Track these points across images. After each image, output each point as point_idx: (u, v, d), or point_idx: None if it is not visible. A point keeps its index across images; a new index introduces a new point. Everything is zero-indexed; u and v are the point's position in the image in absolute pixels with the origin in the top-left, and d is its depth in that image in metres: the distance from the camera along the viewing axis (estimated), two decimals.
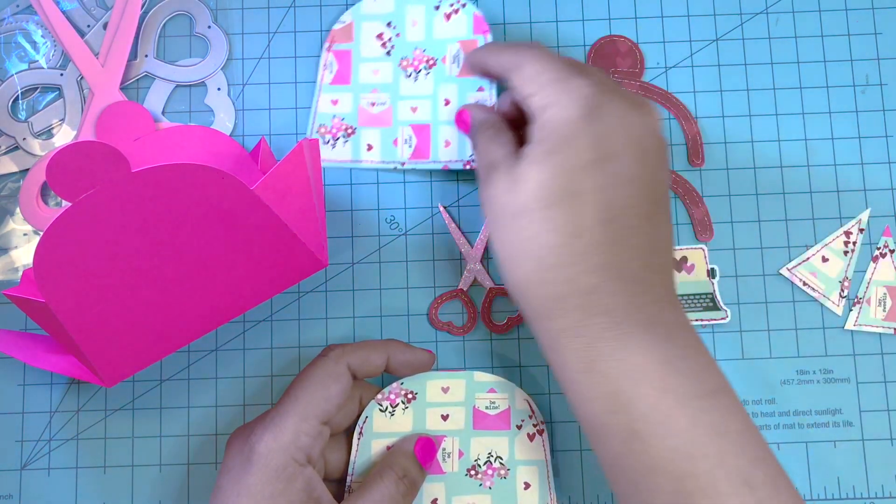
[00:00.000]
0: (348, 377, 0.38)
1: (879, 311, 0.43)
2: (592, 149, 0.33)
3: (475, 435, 0.40)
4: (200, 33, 0.45)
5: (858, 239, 0.43)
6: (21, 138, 0.44)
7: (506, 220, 0.35)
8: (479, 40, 0.44)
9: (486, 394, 0.41)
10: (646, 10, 0.46)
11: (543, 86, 0.35)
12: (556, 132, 0.34)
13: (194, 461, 0.42)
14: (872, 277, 0.43)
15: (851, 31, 0.45)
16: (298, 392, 0.37)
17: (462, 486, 0.39)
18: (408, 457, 0.39)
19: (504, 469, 0.40)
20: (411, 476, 0.38)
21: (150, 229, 0.34)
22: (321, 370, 0.37)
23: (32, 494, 0.42)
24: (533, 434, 0.40)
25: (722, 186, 0.44)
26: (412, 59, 0.44)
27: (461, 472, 0.40)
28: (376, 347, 0.39)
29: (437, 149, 0.44)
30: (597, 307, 0.33)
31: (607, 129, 0.34)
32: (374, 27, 0.45)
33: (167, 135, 0.44)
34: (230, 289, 0.38)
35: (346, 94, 0.44)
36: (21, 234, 0.44)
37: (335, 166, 0.44)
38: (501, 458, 0.40)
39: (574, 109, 0.34)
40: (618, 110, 0.34)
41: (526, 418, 0.40)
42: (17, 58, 0.45)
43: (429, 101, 0.44)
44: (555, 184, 0.33)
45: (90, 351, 0.36)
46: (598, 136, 0.33)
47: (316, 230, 0.38)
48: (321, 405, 0.36)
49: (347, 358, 0.38)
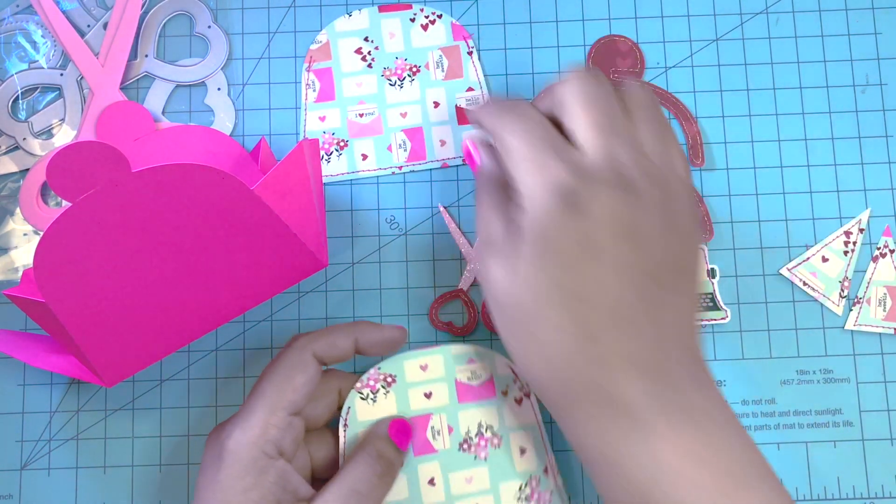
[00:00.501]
0: (315, 365, 0.37)
1: (879, 311, 0.43)
2: (579, 245, 0.31)
3: (462, 408, 0.40)
4: (200, 33, 0.45)
5: (858, 239, 0.43)
6: (21, 138, 0.44)
7: (508, 311, 0.33)
8: (461, 46, 0.45)
9: (466, 365, 0.40)
10: (646, 10, 0.46)
11: (520, 169, 0.33)
12: (538, 227, 0.32)
13: (194, 461, 0.42)
14: (872, 277, 0.43)
15: (851, 31, 0.45)
16: (264, 385, 0.37)
17: (456, 461, 0.39)
18: (382, 438, 0.38)
19: (496, 438, 0.39)
20: (387, 457, 0.37)
21: (151, 229, 0.34)
22: (286, 361, 0.37)
23: (32, 494, 0.42)
24: (520, 398, 0.40)
25: (722, 186, 0.44)
26: (395, 69, 0.45)
27: (454, 448, 0.39)
28: (342, 330, 0.39)
29: (432, 149, 0.44)
30: (615, 404, 0.31)
31: (590, 221, 0.31)
32: (352, 42, 0.45)
33: (167, 135, 0.44)
34: (230, 289, 0.38)
35: (332, 109, 0.44)
36: (21, 234, 0.44)
37: (333, 180, 0.44)
38: (492, 427, 0.39)
39: (552, 203, 0.31)
40: (599, 198, 0.31)
41: (510, 383, 0.40)
42: (17, 58, 0.45)
43: (418, 106, 0.44)
44: (551, 284, 0.31)
45: (90, 351, 0.36)
46: (581, 231, 0.31)
47: (316, 230, 0.38)
48: (287, 396, 0.36)
49: (312, 346, 0.38)
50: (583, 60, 0.45)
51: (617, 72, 0.45)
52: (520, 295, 0.32)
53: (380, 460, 0.37)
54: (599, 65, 0.45)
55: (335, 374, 0.40)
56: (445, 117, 0.44)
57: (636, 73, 0.45)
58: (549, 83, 0.36)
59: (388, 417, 0.39)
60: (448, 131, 0.44)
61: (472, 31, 0.45)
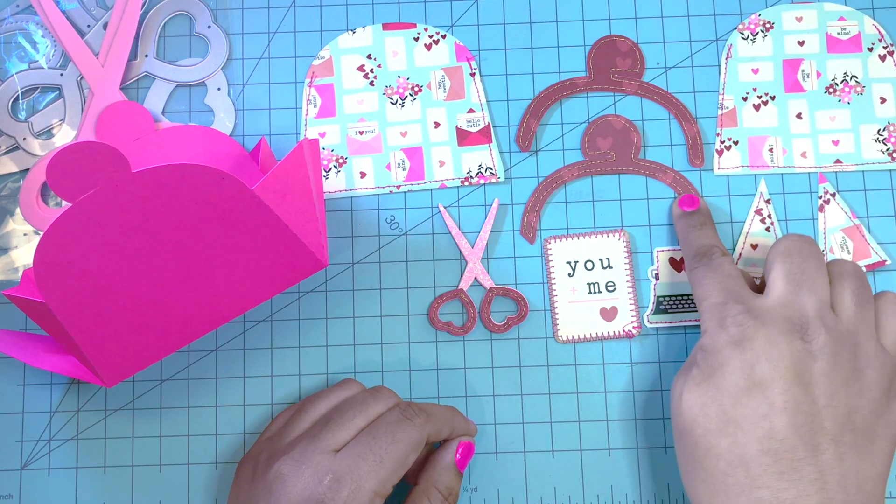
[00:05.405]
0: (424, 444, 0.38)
1: (845, 255, 0.43)
2: (743, 376, 0.35)
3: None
4: (200, 33, 0.45)
5: (771, 211, 0.43)
6: (21, 138, 0.44)
7: (677, 430, 0.37)
8: (464, 67, 0.45)
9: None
10: (646, 10, 0.46)
11: (704, 310, 0.37)
12: (708, 358, 0.36)
13: (194, 461, 0.42)
14: (826, 227, 0.43)
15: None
16: (384, 456, 0.36)
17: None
18: (449, 470, 0.39)
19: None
20: (455, 492, 0.38)
21: (150, 229, 0.34)
22: (408, 436, 0.36)
23: (32, 494, 0.42)
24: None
25: (722, 186, 0.44)
26: (396, 87, 0.45)
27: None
28: (446, 419, 0.39)
29: (431, 169, 0.44)
30: None
31: (755, 355, 0.35)
32: (354, 60, 0.45)
33: (167, 135, 0.44)
34: (230, 289, 0.38)
35: (332, 125, 0.44)
36: (21, 234, 0.44)
37: (331, 197, 0.44)
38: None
39: (723, 337, 0.36)
40: (767, 337, 0.35)
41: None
42: (17, 58, 0.45)
43: (418, 125, 0.44)
44: (711, 410, 0.35)
45: (90, 351, 0.36)
46: (746, 363, 0.35)
47: (316, 230, 0.38)
48: (402, 473, 0.36)
49: (428, 428, 0.37)
50: (583, 60, 0.45)
51: (617, 72, 0.45)
52: (681, 415, 0.36)
53: (450, 498, 0.38)
54: (599, 65, 0.45)
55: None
56: (446, 138, 0.44)
57: (636, 73, 0.45)
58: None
59: (453, 442, 0.39)
60: (448, 152, 0.44)
61: (473, 31, 0.45)
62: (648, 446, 0.42)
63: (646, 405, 0.42)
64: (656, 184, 0.44)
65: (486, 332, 0.43)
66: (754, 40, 0.45)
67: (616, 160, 0.44)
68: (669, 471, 0.42)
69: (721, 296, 0.37)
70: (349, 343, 0.43)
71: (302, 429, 0.38)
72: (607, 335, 0.43)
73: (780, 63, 0.45)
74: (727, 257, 0.39)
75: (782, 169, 0.44)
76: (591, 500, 0.42)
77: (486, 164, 0.44)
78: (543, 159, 0.44)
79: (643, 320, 0.43)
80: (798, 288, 0.36)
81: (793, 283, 0.36)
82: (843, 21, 0.45)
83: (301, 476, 0.35)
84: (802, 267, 0.37)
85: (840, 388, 0.35)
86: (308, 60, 0.45)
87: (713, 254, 0.39)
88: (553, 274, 0.43)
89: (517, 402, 0.42)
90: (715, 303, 0.37)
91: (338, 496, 0.34)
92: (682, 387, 0.36)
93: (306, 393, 0.42)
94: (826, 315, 0.36)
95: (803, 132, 0.44)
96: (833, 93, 0.44)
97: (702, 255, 0.39)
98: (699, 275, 0.39)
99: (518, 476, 0.42)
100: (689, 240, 0.41)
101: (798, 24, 0.45)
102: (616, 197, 0.44)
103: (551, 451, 0.42)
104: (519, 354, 0.43)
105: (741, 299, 0.37)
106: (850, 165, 0.44)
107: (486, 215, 0.44)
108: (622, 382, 0.42)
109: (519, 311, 0.43)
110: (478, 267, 0.43)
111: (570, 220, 0.44)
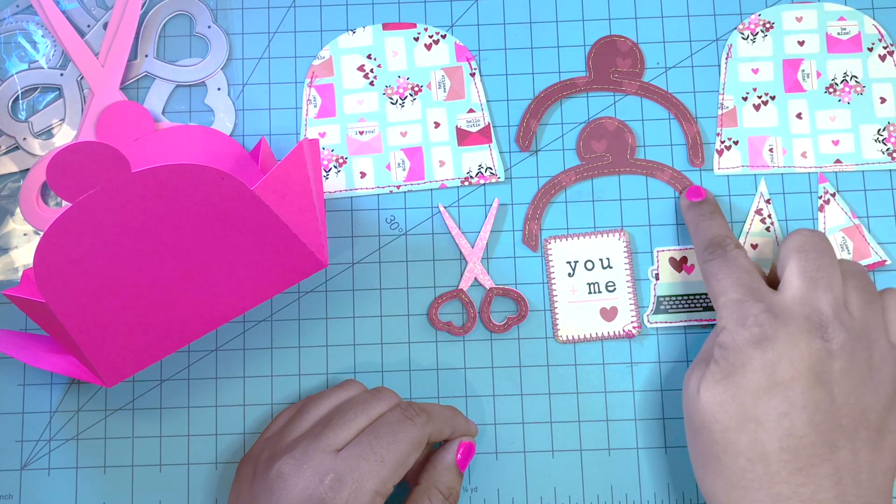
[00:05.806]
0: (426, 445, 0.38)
1: (845, 255, 0.43)
2: (764, 375, 0.35)
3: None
4: (200, 33, 0.45)
5: (771, 211, 0.43)
6: (21, 138, 0.44)
7: (692, 425, 0.37)
8: (464, 67, 0.45)
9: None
10: (646, 10, 0.46)
11: (722, 306, 0.37)
12: (728, 357, 0.36)
13: (194, 461, 0.42)
14: (826, 227, 0.43)
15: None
16: (385, 455, 0.36)
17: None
18: (450, 470, 0.39)
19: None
20: (456, 492, 0.38)
21: (150, 229, 0.34)
22: (409, 436, 0.36)
23: (32, 494, 0.42)
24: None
25: (722, 186, 0.44)
26: (396, 87, 0.45)
27: None
28: (447, 420, 0.39)
29: (431, 169, 0.44)
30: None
31: (777, 355, 0.35)
32: (354, 60, 0.45)
33: (167, 135, 0.44)
34: (230, 289, 0.38)
35: (332, 125, 0.44)
36: (21, 234, 0.44)
37: (331, 197, 0.44)
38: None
39: (744, 336, 0.36)
40: (788, 337, 0.35)
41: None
42: (17, 58, 0.45)
43: (418, 126, 0.44)
44: (731, 408, 0.35)
45: (90, 351, 0.36)
46: (767, 363, 0.35)
47: (316, 230, 0.38)
48: (403, 472, 0.36)
49: (429, 428, 0.37)
50: (583, 60, 0.45)
51: (617, 72, 0.45)
52: (699, 410, 0.36)
53: (451, 498, 0.38)
54: (599, 65, 0.45)
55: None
56: (446, 138, 0.44)
57: (636, 73, 0.45)
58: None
59: (454, 442, 0.39)
60: (448, 152, 0.44)
61: (473, 31, 0.45)
62: (648, 446, 0.42)
63: (646, 405, 0.42)
64: (656, 183, 0.44)
65: (486, 332, 0.43)
66: (754, 40, 0.45)
67: (612, 161, 0.44)
68: (669, 471, 0.42)
69: (739, 292, 0.37)
70: (349, 343, 0.43)
71: (303, 428, 0.38)
72: (607, 335, 0.43)
73: (780, 63, 0.45)
74: (741, 250, 0.39)
75: (782, 169, 0.44)
76: (591, 500, 0.42)
77: (486, 164, 0.44)
78: (543, 159, 0.44)
79: (643, 320, 0.43)
80: (815, 285, 0.36)
81: (809, 281, 0.36)
82: (843, 21, 0.45)
83: (302, 475, 0.35)
84: (818, 263, 0.37)
85: (857, 385, 0.35)
86: (308, 60, 0.45)
87: (727, 245, 0.39)
88: (553, 274, 0.43)
89: (517, 402, 0.42)
90: (733, 299, 0.37)
91: (339, 495, 0.34)
92: (698, 382, 0.36)
93: (306, 393, 0.42)
94: (842, 313, 0.36)
95: (803, 132, 0.44)
96: (833, 93, 0.44)
97: (715, 247, 0.39)
98: (714, 268, 0.38)
99: (518, 476, 0.42)
100: (699, 229, 0.41)
101: (798, 24, 0.45)
102: (616, 197, 0.44)
103: (551, 451, 0.42)
104: (519, 354, 0.43)
105: (760, 297, 0.36)
106: (850, 165, 0.44)
107: (486, 215, 0.44)
108: (622, 382, 0.42)
109: (519, 311, 0.43)
110: (478, 267, 0.43)
111: (570, 220, 0.44)
